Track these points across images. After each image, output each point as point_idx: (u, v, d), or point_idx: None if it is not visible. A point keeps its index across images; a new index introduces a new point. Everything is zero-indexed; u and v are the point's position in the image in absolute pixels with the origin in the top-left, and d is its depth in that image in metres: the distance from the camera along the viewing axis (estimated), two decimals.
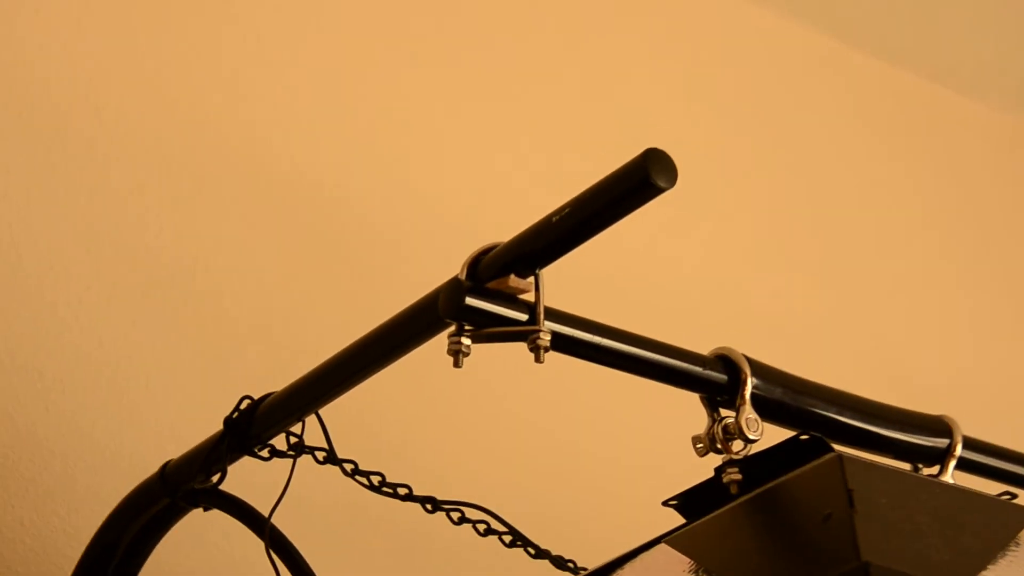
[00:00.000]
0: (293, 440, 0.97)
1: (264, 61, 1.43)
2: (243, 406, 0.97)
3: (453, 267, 0.82)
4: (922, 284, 1.82)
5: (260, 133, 1.39)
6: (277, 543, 0.97)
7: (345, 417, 1.00)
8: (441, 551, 1.22)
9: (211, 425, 1.01)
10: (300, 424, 0.96)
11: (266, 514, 0.98)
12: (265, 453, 0.98)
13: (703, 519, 0.75)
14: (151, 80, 1.35)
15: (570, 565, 1.06)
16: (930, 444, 0.92)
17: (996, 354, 1.87)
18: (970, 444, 0.94)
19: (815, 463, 0.70)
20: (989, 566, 0.65)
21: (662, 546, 0.77)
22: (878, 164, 1.86)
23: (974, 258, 1.91)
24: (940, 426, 0.93)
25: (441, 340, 0.83)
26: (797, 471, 0.70)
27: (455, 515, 1.03)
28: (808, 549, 0.65)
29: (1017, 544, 0.69)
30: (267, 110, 1.41)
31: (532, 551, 1.05)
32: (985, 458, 0.95)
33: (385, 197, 1.42)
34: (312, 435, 0.98)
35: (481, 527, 1.04)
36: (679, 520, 0.83)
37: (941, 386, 1.69)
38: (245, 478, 1.06)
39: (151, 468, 1.05)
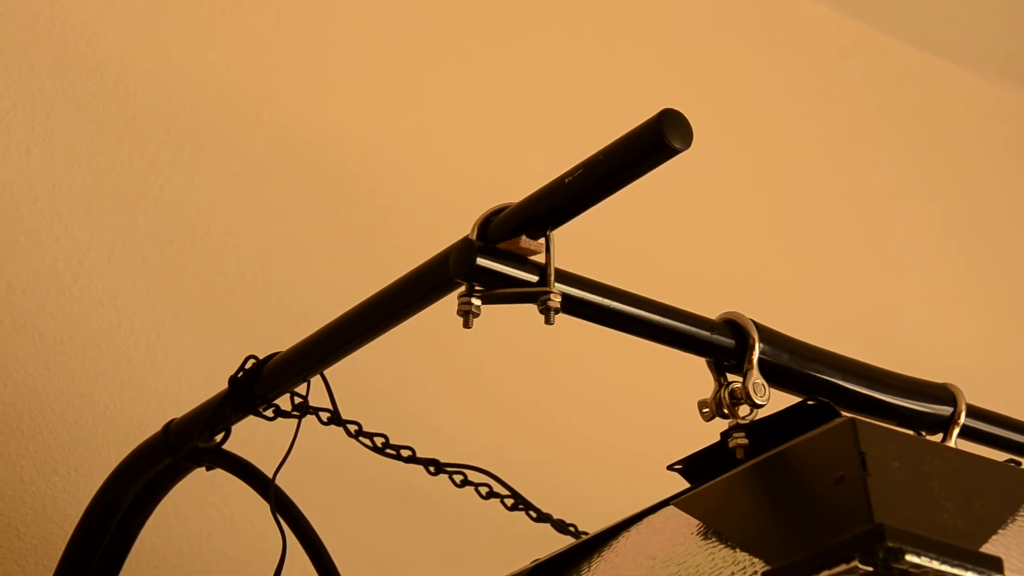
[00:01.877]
0: (298, 400, 0.97)
1: (267, 23, 1.42)
2: (248, 366, 0.97)
3: (463, 228, 0.81)
4: (922, 255, 1.83)
5: (264, 94, 1.38)
6: (281, 503, 0.97)
7: (350, 378, 1.00)
8: (443, 514, 1.22)
9: (212, 386, 1.01)
10: (305, 384, 0.96)
11: (270, 475, 0.97)
12: (270, 413, 0.97)
13: (714, 481, 0.75)
14: (152, 40, 1.35)
15: (571, 529, 1.06)
16: (934, 411, 0.93)
17: (995, 324, 1.88)
18: (973, 412, 0.94)
19: (827, 426, 0.70)
20: (1000, 530, 0.65)
21: (671, 508, 0.77)
22: (875, 135, 1.86)
23: (973, 228, 1.91)
24: (944, 394, 0.93)
25: (448, 302, 0.83)
26: (809, 434, 0.70)
27: (458, 478, 1.03)
28: (820, 511, 0.65)
29: None
30: (270, 71, 1.40)
31: (534, 515, 1.05)
32: (988, 426, 0.95)
33: (394, 156, 1.42)
34: (317, 396, 0.98)
35: (483, 490, 1.04)
36: (683, 485, 0.83)
37: (940, 355, 1.70)
38: (248, 439, 1.06)
39: (152, 428, 1.05)
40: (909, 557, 0.59)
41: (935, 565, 0.60)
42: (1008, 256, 1.95)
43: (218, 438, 1.00)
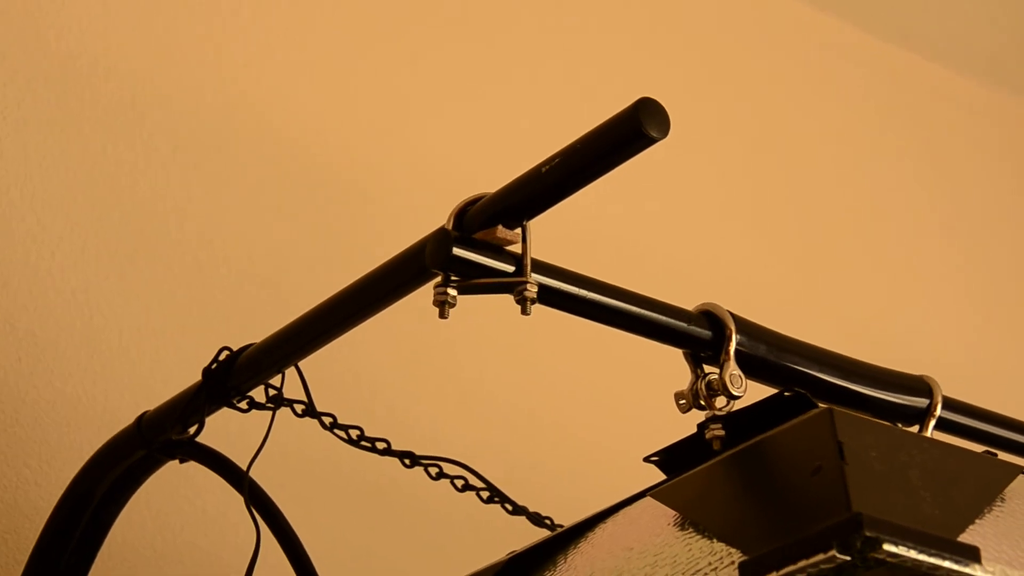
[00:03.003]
0: (272, 392, 0.97)
1: (243, 16, 1.41)
2: (222, 357, 0.96)
3: (439, 218, 0.81)
4: (907, 251, 1.83)
5: (240, 87, 1.38)
6: (255, 496, 0.97)
7: (325, 370, 0.99)
8: (419, 507, 1.22)
9: (186, 378, 1.00)
10: (280, 376, 0.96)
11: (244, 467, 0.97)
12: (244, 405, 0.97)
13: (691, 472, 0.75)
14: (126, 31, 1.34)
15: (547, 522, 1.06)
16: (910, 403, 0.93)
17: (978, 318, 1.89)
18: (950, 404, 0.94)
19: (804, 416, 0.69)
20: (977, 520, 0.65)
21: (647, 499, 0.77)
22: (861, 131, 1.87)
23: (953, 223, 1.92)
24: (920, 385, 0.93)
25: (424, 294, 0.83)
26: (786, 424, 0.70)
27: (433, 470, 1.03)
28: (797, 501, 0.65)
29: (1003, 500, 0.69)
30: (246, 63, 1.39)
31: (509, 507, 1.05)
32: (964, 418, 0.95)
33: (370, 147, 1.41)
34: (292, 388, 0.98)
35: (459, 483, 1.04)
36: (660, 477, 0.83)
37: (920, 349, 1.70)
38: (222, 431, 1.05)
39: (125, 420, 1.04)
40: (886, 547, 0.59)
41: (912, 555, 0.59)
42: (996, 254, 1.95)
43: (192, 430, 0.99)
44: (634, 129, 0.72)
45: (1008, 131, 2.04)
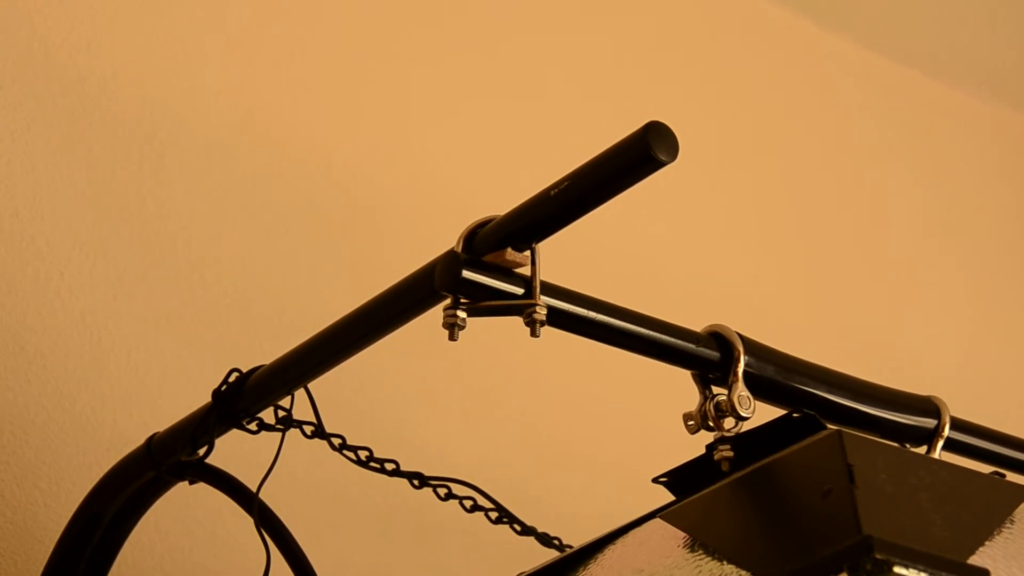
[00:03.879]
0: (281, 414, 0.97)
1: (251, 33, 1.42)
2: (231, 379, 0.96)
3: (448, 241, 0.81)
4: (910, 267, 1.83)
5: (248, 105, 1.38)
6: (265, 518, 0.97)
7: (334, 391, 0.99)
8: (427, 527, 1.22)
9: (195, 399, 1.00)
10: (289, 398, 0.96)
11: (253, 489, 0.97)
12: (253, 427, 0.97)
13: (701, 493, 0.75)
14: (135, 51, 1.34)
15: (556, 542, 1.06)
16: (918, 424, 0.93)
17: (980, 335, 1.89)
18: (958, 425, 0.94)
19: (814, 438, 0.70)
20: (987, 542, 0.65)
21: (657, 521, 0.77)
22: (861, 147, 1.87)
23: (955, 238, 1.92)
24: (928, 406, 0.94)
25: (433, 315, 0.83)
26: (796, 446, 0.70)
27: (442, 491, 1.03)
28: (807, 524, 0.65)
29: (1012, 522, 0.69)
30: (254, 82, 1.40)
31: (518, 528, 1.05)
32: (972, 439, 0.95)
33: (380, 168, 1.41)
34: (301, 409, 0.98)
35: (468, 503, 1.04)
36: (668, 498, 0.83)
37: (929, 367, 1.70)
38: (231, 453, 1.05)
39: (134, 442, 1.04)
40: (897, 569, 0.59)
41: None
42: (998, 268, 1.95)
43: (201, 452, 0.99)
44: (643, 152, 0.72)
45: (1008, 145, 2.04)
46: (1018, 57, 1.97)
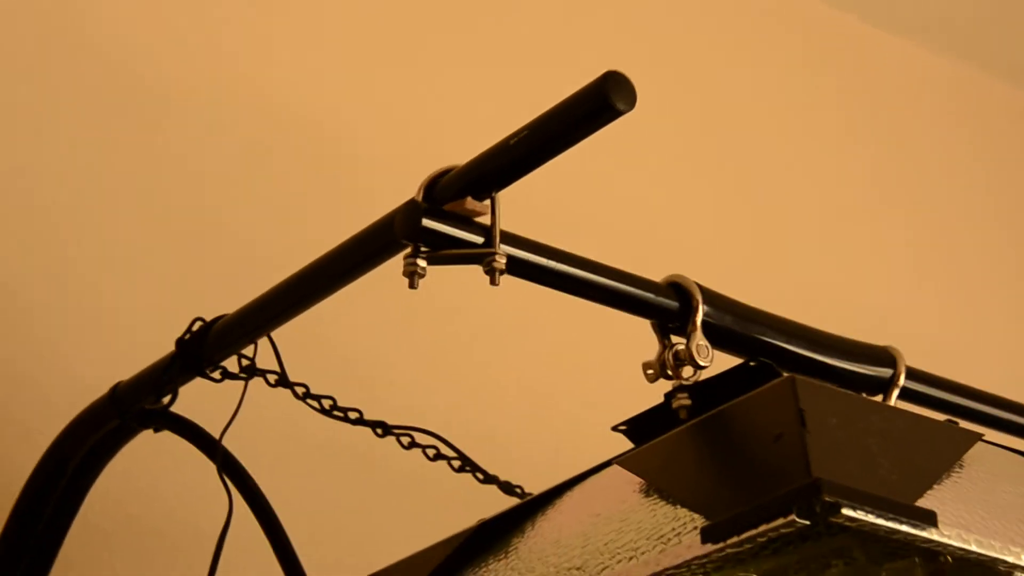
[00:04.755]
0: (245, 363, 0.97)
1: None
2: (195, 328, 0.97)
3: (410, 190, 0.82)
4: (863, 220, 1.84)
5: (214, 55, 1.38)
6: (228, 465, 0.97)
7: (299, 341, 1.00)
8: (390, 476, 1.23)
9: (160, 348, 1.00)
10: (252, 346, 0.96)
11: (217, 436, 0.98)
12: (217, 375, 0.97)
13: (657, 439, 0.76)
14: None
15: (518, 491, 1.07)
16: (875, 374, 0.94)
17: (932, 286, 1.90)
18: (913, 374, 0.95)
19: (768, 385, 0.71)
20: (935, 485, 0.66)
21: (613, 467, 0.78)
22: (820, 103, 1.88)
23: (911, 193, 1.93)
24: (885, 356, 0.95)
25: (397, 264, 0.83)
26: (750, 393, 0.71)
27: (405, 440, 1.04)
28: (759, 468, 0.66)
29: (962, 466, 0.71)
30: (224, 31, 1.39)
31: (481, 476, 1.06)
32: (927, 388, 0.97)
33: (343, 119, 1.41)
34: (265, 358, 0.98)
35: (431, 452, 1.05)
36: (628, 446, 0.84)
37: (880, 318, 1.71)
38: (195, 402, 1.06)
39: (99, 390, 1.04)
40: (845, 511, 0.60)
41: (871, 519, 0.61)
42: (953, 223, 1.97)
43: (165, 400, 1.00)
44: (601, 102, 0.73)
45: (964, 98, 2.05)
46: (971, 9, 1.98)
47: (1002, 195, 2.08)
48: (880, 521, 0.61)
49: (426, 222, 0.79)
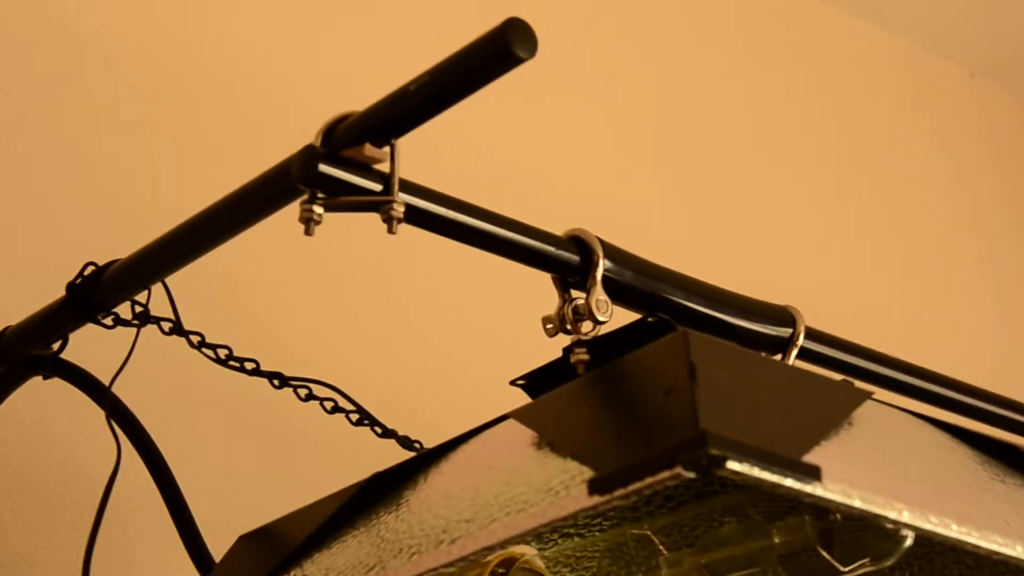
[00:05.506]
0: (138, 309, 0.95)
1: None
2: (87, 272, 0.95)
3: (310, 138, 0.80)
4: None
5: (112, 3, 1.34)
6: (118, 413, 0.96)
7: (194, 288, 0.98)
8: (287, 428, 1.21)
9: (50, 293, 0.98)
10: (146, 293, 0.94)
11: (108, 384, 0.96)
12: (109, 321, 0.96)
13: (550, 393, 0.75)
14: None
15: (417, 445, 1.06)
16: (774, 333, 0.94)
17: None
18: (812, 335, 0.96)
19: (661, 339, 0.70)
20: (823, 441, 0.66)
21: (508, 420, 0.77)
22: (755, 64, 1.88)
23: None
24: (784, 316, 0.95)
25: (296, 213, 0.82)
26: (644, 347, 0.71)
27: (303, 392, 1.03)
28: (649, 421, 0.66)
29: (851, 423, 0.71)
30: None
31: (379, 430, 1.05)
32: (826, 349, 0.97)
33: (241, 65, 1.38)
34: (160, 305, 0.96)
35: (328, 405, 1.04)
36: (527, 401, 0.83)
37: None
38: (87, 349, 1.04)
39: None
40: (730, 464, 0.60)
41: (756, 472, 0.60)
42: (901, 199, 1.99)
43: (55, 346, 0.98)
44: (501, 49, 0.72)
45: (911, 77, 2.07)
46: None
47: (955, 174, 2.10)
48: (765, 475, 0.61)
49: (323, 168, 0.77)
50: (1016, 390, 1.19)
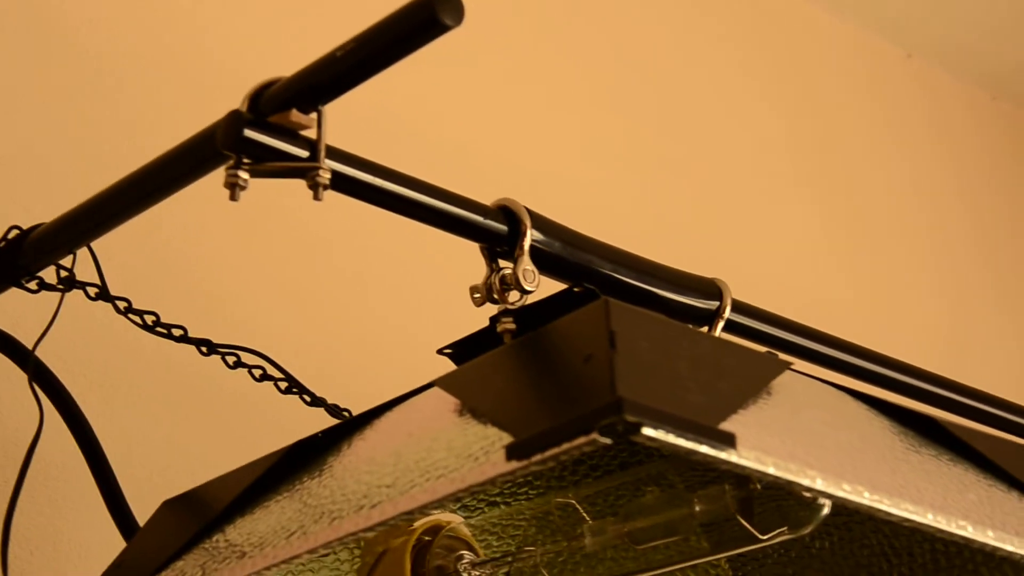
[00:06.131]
0: (64, 274, 0.95)
1: None
2: (11, 235, 0.94)
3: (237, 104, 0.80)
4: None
5: None
6: (42, 377, 0.95)
7: (121, 253, 0.98)
8: (215, 396, 1.21)
9: None
10: (71, 257, 0.94)
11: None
12: (33, 285, 0.95)
13: (473, 361, 0.76)
14: None
15: (345, 414, 1.07)
16: (701, 305, 0.95)
17: (843, 253, 1.94)
18: (738, 307, 0.97)
19: (582, 308, 0.71)
20: (740, 410, 0.67)
21: (433, 388, 0.78)
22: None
23: (812, 149, 1.95)
24: (711, 288, 0.96)
25: (223, 178, 0.81)
26: (566, 316, 0.71)
27: (231, 359, 1.02)
28: (569, 388, 0.66)
29: (769, 393, 0.71)
30: None
31: (308, 399, 1.05)
32: (752, 321, 0.98)
33: (166, 31, 1.37)
34: (86, 270, 0.96)
35: (257, 372, 1.04)
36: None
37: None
38: (13, 315, 1.03)
39: None
40: (646, 431, 0.60)
41: (671, 439, 0.61)
42: (860, 189, 2.00)
43: None
44: (428, 16, 0.72)
45: (867, 65, 2.08)
46: None
47: (912, 160, 2.12)
48: (681, 442, 0.61)
49: (248, 133, 0.77)
50: (966, 373, 1.21)
